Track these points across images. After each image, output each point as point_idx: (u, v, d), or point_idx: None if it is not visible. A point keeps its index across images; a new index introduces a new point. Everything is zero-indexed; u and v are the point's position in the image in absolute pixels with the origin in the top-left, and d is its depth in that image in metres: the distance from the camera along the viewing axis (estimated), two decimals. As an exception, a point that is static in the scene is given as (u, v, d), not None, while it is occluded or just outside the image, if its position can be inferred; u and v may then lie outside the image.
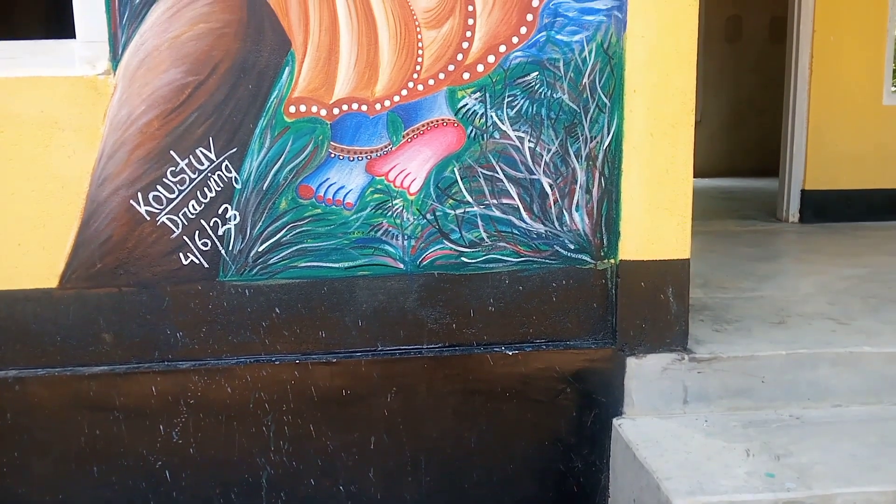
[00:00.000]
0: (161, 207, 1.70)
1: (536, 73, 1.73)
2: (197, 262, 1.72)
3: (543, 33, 1.72)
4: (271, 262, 1.75)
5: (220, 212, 1.72)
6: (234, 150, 1.70)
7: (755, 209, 4.30)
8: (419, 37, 1.70)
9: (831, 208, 3.74)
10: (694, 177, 1.81)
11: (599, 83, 1.74)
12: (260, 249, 1.74)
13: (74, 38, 1.67)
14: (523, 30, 1.71)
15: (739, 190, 5.34)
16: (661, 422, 1.77)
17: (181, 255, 1.72)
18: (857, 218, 3.75)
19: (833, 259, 2.87)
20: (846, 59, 3.69)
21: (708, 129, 6.67)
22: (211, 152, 1.69)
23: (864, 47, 3.71)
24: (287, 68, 1.68)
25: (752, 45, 6.69)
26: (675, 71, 1.72)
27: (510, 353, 1.80)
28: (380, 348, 1.79)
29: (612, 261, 1.81)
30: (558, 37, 1.72)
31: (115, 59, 1.64)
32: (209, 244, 1.72)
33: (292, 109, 1.70)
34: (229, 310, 1.75)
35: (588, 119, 1.76)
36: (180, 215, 1.70)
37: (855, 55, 3.70)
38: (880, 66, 3.74)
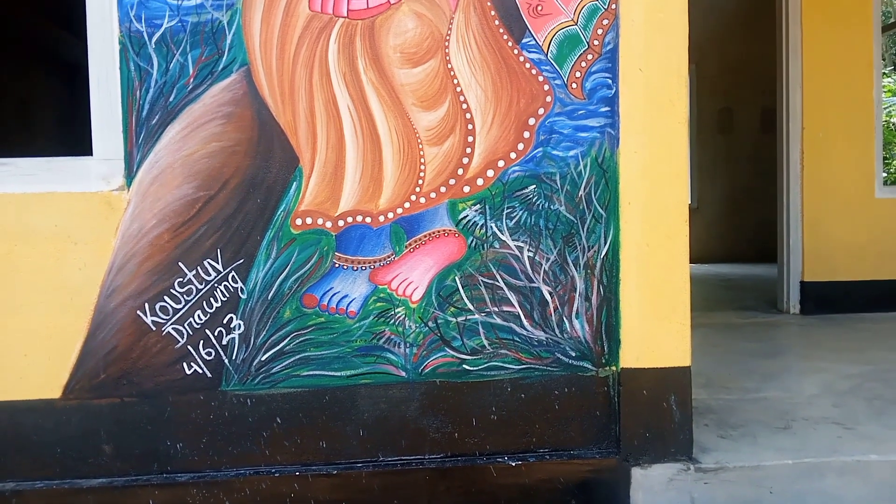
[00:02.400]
0: (167, 318, 1.72)
1: (534, 186, 1.80)
2: (200, 371, 1.73)
3: (540, 149, 1.79)
4: (274, 371, 1.76)
5: (225, 321, 1.74)
6: (241, 261, 1.74)
7: (755, 299, 4.32)
8: (421, 153, 1.77)
9: (832, 300, 3.76)
10: (692, 262, 1.84)
11: (595, 195, 1.81)
12: (263, 358, 1.75)
13: (90, 154, 1.75)
14: (520, 146, 1.79)
15: (738, 277, 5.38)
16: (668, 535, 1.73)
17: (185, 364, 1.73)
18: (858, 309, 3.77)
19: (836, 355, 2.87)
20: (836, 154, 3.81)
21: (705, 217, 6.79)
22: (219, 263, 1.73)
23: (854, 142, 3.84)
24: (295, 183, 1.75)
25: (745, 136, 6.91)
26: (667, 184, 1.78)
27: (513, 464, 1.77)
28: (381, 459, 1.77)
29: (614, 368, 1.82)
30: (554, 152, 1.80)
31: (130, 175, 1.71)
32: (213, 353, 1.74)
33: (299, 222, 1.76)
34: (230, 420, 1.74)
35: (585, 229, 1.81)
36: (186, 325, 1.73)
37: (845, 150, 3.82)
38: (870, 159, 3.85)
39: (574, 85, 1.78)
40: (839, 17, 3.84)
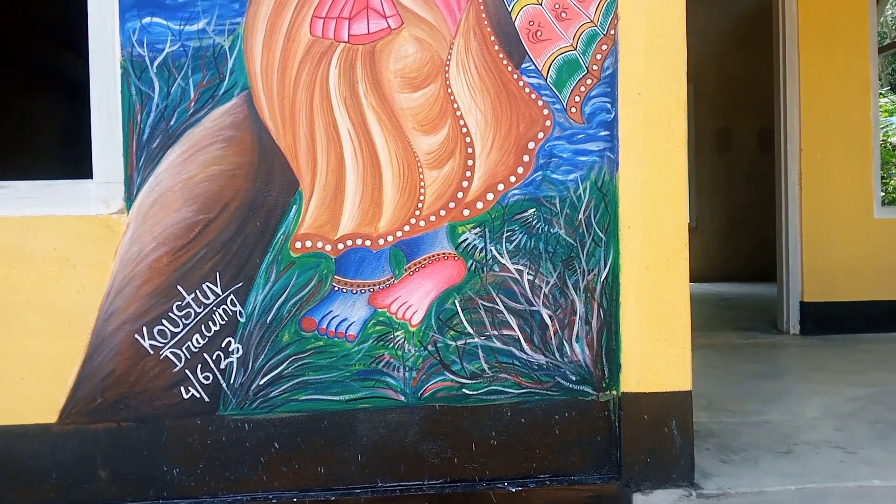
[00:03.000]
0: (165, 341, 1.71)
1: (534, 209, 1.80)
2: (198, 396, 1.72)
3: (539, 173, 1.80)
4: (272, 395, 1.74)
5: (223, 345, 1.73)
6: (240, 284, 1.74)
7: (755, 319, 4.32)
8: (421, 176, 1.78)
9: (832, 320, 3.76)
10: (691, 281, 1.84)
11: (595, 219, 1.81)
12: (261, 383, 1.74)
13: (90, 177, 1.75)
14: (520, 169, 1.80)
15: (738, 297, 5.37)
16: (670, 563, 1.71)
17: (182, 389, 1.72)
18: (858, 329, 3.76)
19: (837, 377, 2.85)
20: (835, 175, 3.83)
21: (704, 235, 6.80)
22: (217, 287, 1.73)
23: (852, 163, 3.85)
24: (294, 206, 1.75)
25: (743, 155, 6.94)
26: (667, 208, 1.78)
27: (513, 490, 1.76)
28: (380, 485, 1.75)
29: (615, 392, 1.81)
30: (554, 176, 1.80)
31: (130, 198, 1.71)
32: (211, 378, 1.73)
33: (298, 245, 1.75)
34: (228, 445, 1.73)
35: (585, 253, 1.81)
36: (184, 349, 1.72)
37: (843, 170, 3.83)
38: (868, 180, 3.87)
39: (573, 109, 1.79)
40: (835, 39, 3.88)
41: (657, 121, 1.78)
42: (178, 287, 1.72)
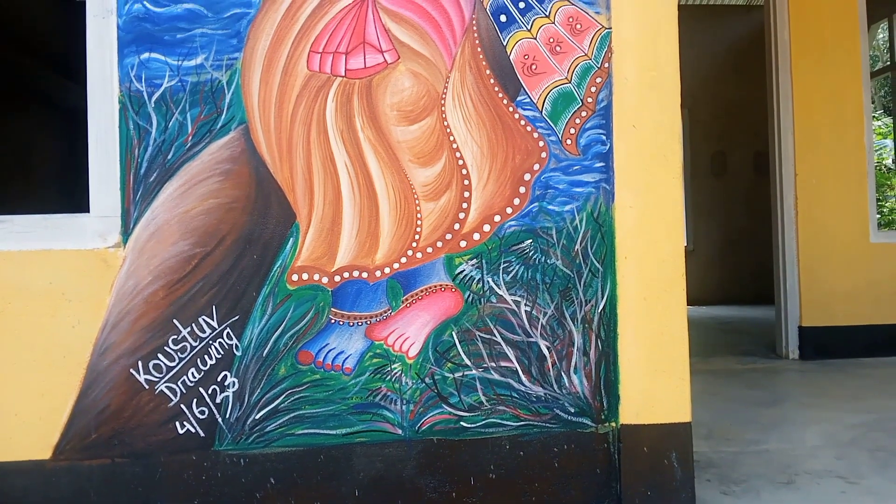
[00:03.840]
0: (160, 376, 1.70)
1: (530, 240, 1.80)
2: (193, 431, 1.71)
3: (536, 204, 1.80)
4: (268, 429, 1.73)
5: (219, 379, 1.72)
6: (237, 317, 1.73)
7: (754, 343, 4.30)
8: (418, 208, 1.78)
9: (831, 345, 3.75)
10: (689, 305, 1.84)
11: (591, 249, 1.81)
12: (257, 417, 1.73)
13: (87, 209, 1.75)
14: (516, 201, 1.80)
15: (736, 320, 5.36)
16: None
17: (177, 423, 1.70)
18: (857, 354, 3.75)
19: (837, 403, 2.84)
20: (830, 199, 3.84)
21: (701, 258, 6.80)
22: (213, 320, 1.72)
23: (847, 188, 3.87)
24: (291, 239, 1.75)
25: (739, 179, 6.98)
26: (663, 239, 1.79)
27: (512, 525, 1.74)
28: (377, 520, 1.73)
29: (614, 424, 1.80)
30: (550, 207, 1.81)
31: (127, 232, 1.71)
32: (206, 412, 1.71)
33: (295, 277, 1.75)
34: (223, 481, 1.71)
35: (582, 284, 1.81)
36: (179, 383, 1.71)
37: (838, 195, 3.85)
38: (864, 204, 3.88)
39: (569, 141, 1.80)
40: (828, 64, 3.92)
41: (652, 152, 1.79)
42: (174, 321, 1.71)
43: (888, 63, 5.76)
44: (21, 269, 1.69)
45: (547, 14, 1.80)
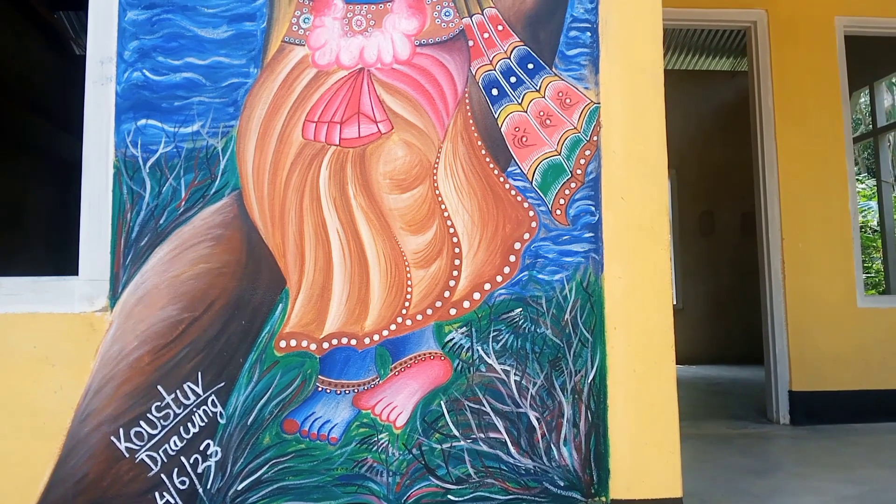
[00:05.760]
0: (142, 444, 1.67)
1: (520, 309, 1.80)
2: (173, 501, 1.66)
3: (526, 272, 1.81)
4: (250, 501, 1.68)
5: (201, 448, 1.68)
6: (223, 384, 1.71)
7: (744, 407, 4.27)
8: (408, 275, 1.79)
9: (821, 410, 3.73)
10: (679, 364, 1.83)
11: (581, 319, 1.81)
12: (239, 488, 1.68)
13: (76, 271, 1.74)
14: (506, 269, 1.81)
15: (727, 382, 5.33)
16: None
17: (157, 494, 1.66)
18: (848, 419, 3.72)
19: (830, 473, 2.80)
20: (817, 264, 3.88)
21: (690, 317, 6.81)
22: (198, 387, 1.70)
23: (833, 253, 3.91)
24: (281, 305, 1.74)
25: (727, 238, 7.06)
26: (652, 309, 1.80)
27: None
28: None
29: (604, 499, 1.76)
30: (540, 276, 1.82)
31: (114, 296, 1.70)
32: (187, 482, 1.67)
33: (283, 344, 1.74)
34: (202, 555, 1.65)
35: (572, 353, 1.80)
36: (160, 452, 1.67)
37: (825, 260, 3.89)
38: (850, 269, 3.92)
39: (558, 211, 1.83)
40: (812, 131, 4.02)
41: (640, 224, 1.82)
42: (159, 387, 1.68)
43: (870, 126, 5.92)
44: (6, 332, 1.67)
45: (537, 89, 1.84)
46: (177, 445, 1.68)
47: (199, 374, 1.70)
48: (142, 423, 1.67)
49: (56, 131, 5.38)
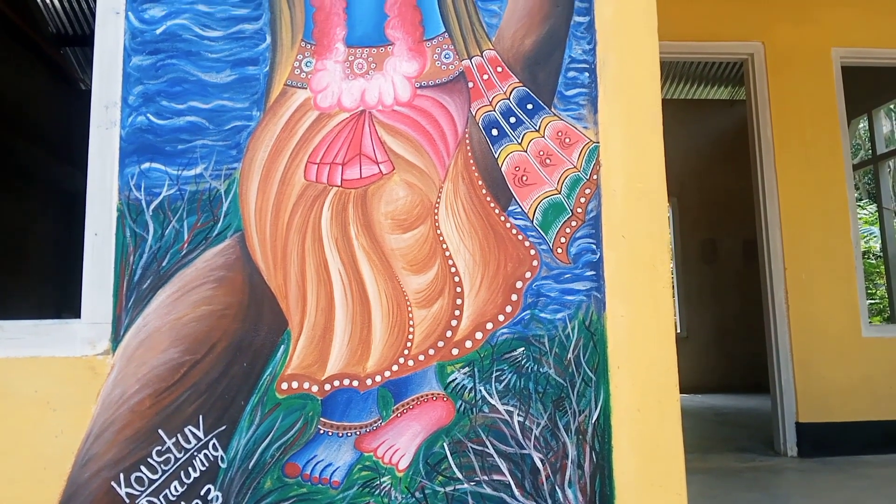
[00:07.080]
0: (142, 489, 1.65)
1: (523, 348, 1.79)
2: (173, 548, 1.64)
3: (528, 311, 1.81)
4: (251, 547, 1.66)
5: (202, 493, 1.67)
6: (224, 427, 1.69)
7: (751, 438, 4.23)
8: (410, 315, 1.78)
9: (828, 441, 3.68)
10: (684, 393, 1.81)
11: (584, 358, 1.80)
12: (241, 534, 1.66)
13: (78, 316, 1.74)
14: (508, 308, 1.81)
15: (733, 412, 5.28)
16: None
17: (157, 541, 1.64)
18: (856, 451, 3.68)
19: (839, 509, 2.76)
20: (820, 294, 3.87)
21: (694, 345, 6.78)
22: (200, 430, 1.68)
23: (836, 282, 3.91)
24: (283, 346, 1.74)
25: (730, 266, 7.05)
26: (655, 347, 1.79)
27: None
28: None
29: (609, 541, 1.74)
30: (542, 314, 1.81)
31: (117, 339, 1.70)
32: (188, 528, 1.65)
33: (284, 386, 1.73)
34: None
35: (575, 393, 1.79)
36: (161, 497, 1.65)
37: (828, 290, 3.88)
38: (854, 299, 3.91)
39: (559, 250, 1.83)
40: (811, 160, 4.04)
41: (641, 261, 1.82)
42: (160, 431, 1.67)
43: (870, 151, 5.94)
44: (7, 377, 1.66)
45: (537, 129, 1.86)
46: (177, 490, 1.66)
47: (201, 417, 1.69)
48: (142, 467, 1.66)
49: (59, 164, 5.43)
